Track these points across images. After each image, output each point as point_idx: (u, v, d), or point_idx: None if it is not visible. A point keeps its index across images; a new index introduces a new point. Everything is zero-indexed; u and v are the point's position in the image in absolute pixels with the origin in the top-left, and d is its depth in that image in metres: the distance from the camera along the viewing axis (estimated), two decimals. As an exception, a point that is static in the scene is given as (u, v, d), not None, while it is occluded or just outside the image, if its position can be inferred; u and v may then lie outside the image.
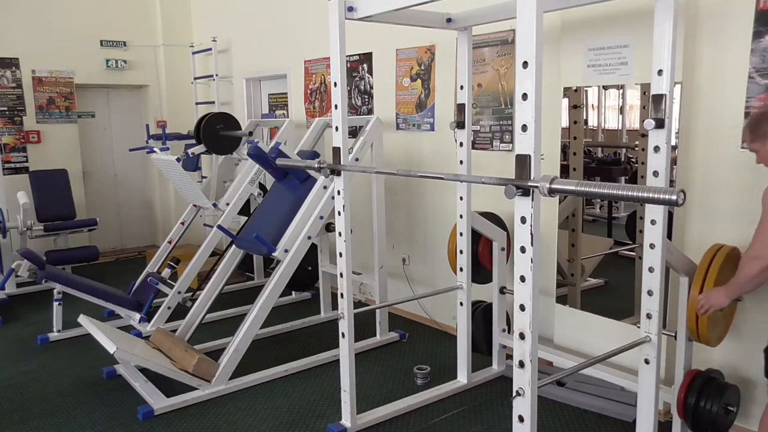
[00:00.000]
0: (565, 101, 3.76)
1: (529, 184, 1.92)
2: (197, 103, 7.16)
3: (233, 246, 4.38)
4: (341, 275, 3.00)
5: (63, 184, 6.28)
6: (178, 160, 4.69)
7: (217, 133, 5.29)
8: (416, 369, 3.79)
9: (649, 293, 2.53)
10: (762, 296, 2.82)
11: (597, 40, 3.30)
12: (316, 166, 2.93)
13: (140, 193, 7.58)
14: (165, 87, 7.28)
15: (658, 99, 2.41)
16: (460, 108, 3.35)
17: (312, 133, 4.89)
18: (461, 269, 3.53)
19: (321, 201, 3.92)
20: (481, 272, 3.73)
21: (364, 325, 4.46)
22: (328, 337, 4.38)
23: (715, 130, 2.93)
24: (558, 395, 3.45)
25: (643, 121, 2.47)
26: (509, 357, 3.76)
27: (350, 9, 2.76)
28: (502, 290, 3.70)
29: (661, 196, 1.68)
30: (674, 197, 1.64)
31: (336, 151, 2.89)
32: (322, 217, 3.91)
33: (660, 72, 2.40)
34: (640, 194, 1.75)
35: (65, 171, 6.36)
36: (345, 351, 3.06)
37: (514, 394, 2.10)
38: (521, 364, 2.06)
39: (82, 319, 3.88)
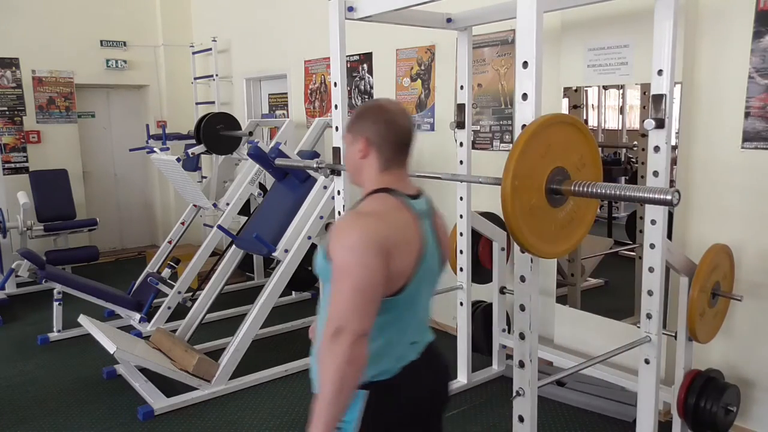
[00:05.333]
0: (565, 101, 3.76)
1: (529, 184, 1.92)
2: (197, 103, 7.16)
3: (233, 246, 4.38)
4: (341, 275, 2.99)
5: (63, 184, 6.28)
6: (178, 160, 4.69)
7: (217, 133, 5.29)
8: (416, 369, 3.78)
9: (649, 293, 2.53)
10: (761, 294, 2.83)
11: (597, 40, 3.30)
12: (315, 166, 2.93)
13: (140, 193, 7.58)
14: (165, 87, 7.28)
15: (658, 99, 2.41)
16: (460, 108, 3.35)
17: (312, 133, 4.88)
18: (461, 269, 3.53)
19: (321, 201, 3.92)
20: (481, 272, 3.73)
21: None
22: (328, 337, 4.37)
23: (715, 130, 2.94)
24: (558, 395, 3.45)
25: (643, 121, 2.47)
26: (509, 357, 3.75)
27: (350, 9, 2.76)
28: (502, 290, 3.70)
29: (657, 196, 1.70)
30: (669, 197, 1.66)
31: (336, 151, 2.89)
32: (322, 217, 3.91)
33: (660, 72, 2.40)
34: (636, 194, 1.77)
35: (65, 171, 6.36)
36: (345, 351, 3.05)
37: (514, 394, 2.10)
38: (521, 364, 2.06)
39: (82, 319, 3.88)
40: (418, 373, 1.56)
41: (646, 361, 2.57)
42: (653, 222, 2.47)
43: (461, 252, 3.49)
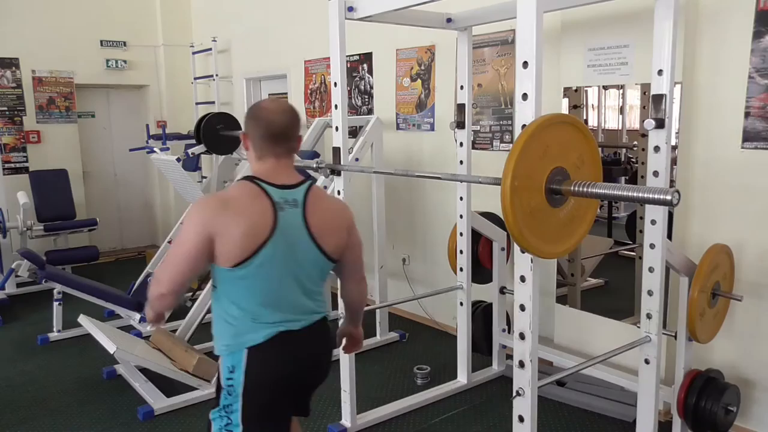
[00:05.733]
0: (565, 101, 3.76)
1: (529, 184, 1.92)
2: (197, 103, 7.16)
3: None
4: (341, 275, 2.99)
5: (63, 184, 6.28)
6: (178, 160, 4.69)
7: (217, 133, 5.28)
8: (416, 369, 3.79)
9: (649, 293, 2.53)
10: (761, 294, 2.83)
11: (597, 40, 3.30)
12: (315, 166, 2.93)
13: (140, 193, 7.58)
14: (165, 87, 7.28)
15: (658, 99, 2.41)
16: (460, 108, 3.35)
17: (312, 133, 4.88)
18: (461, 269, 3.53)
19: (321, 201, 3.91)
20: (481, 272, 3.73)
21: (364, 325, 4.44)
22: (328, 337, 4.37)
23: (715, 130, 2.93)
24: (558, 395, 3.45)
25: (643, 121, 2.47)
26: (509, 357, 3.75)
27: (350, 9, 2.76)
28: (502, 290, 3.70)
29: (657, 196, 1.70)
30: (669, 197, 1.66)
31: (336, 151, 2.89)
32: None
33: (660, 72, 2.40)
34: (636, 194, 1.77)
35: (65, 171, 6.36)
36: (345, 351, 3.05)
37: (514, 394, 2.10)
38: (521, 364, 2.07)
39: (82, 319, 3.88)
40: (295, 343, 1.83)
41: (646, 361, 2.58)
42: (653, 222, 2.47)
43: (461, 252, 3.49)
